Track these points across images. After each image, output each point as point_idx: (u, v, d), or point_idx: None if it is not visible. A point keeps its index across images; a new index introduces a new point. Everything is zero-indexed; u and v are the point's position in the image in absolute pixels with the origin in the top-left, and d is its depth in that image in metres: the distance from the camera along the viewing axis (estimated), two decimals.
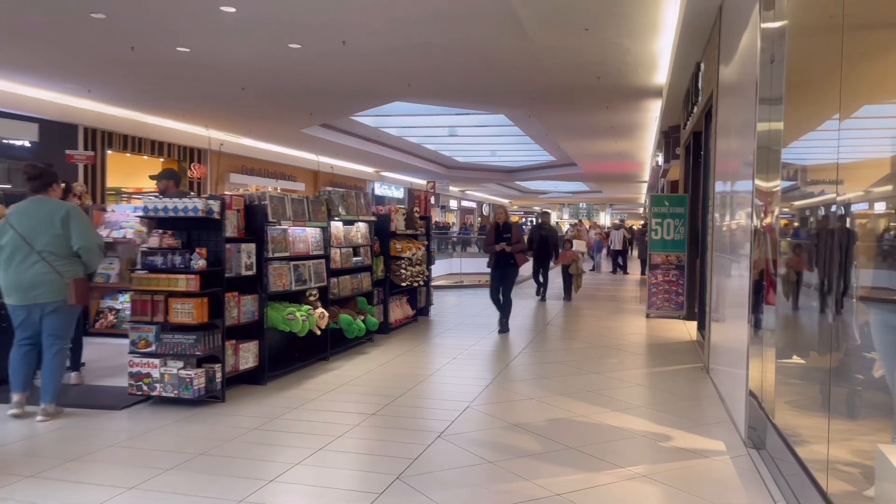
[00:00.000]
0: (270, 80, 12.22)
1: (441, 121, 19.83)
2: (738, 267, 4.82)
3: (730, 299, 5.29)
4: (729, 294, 5.35)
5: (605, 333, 8.93)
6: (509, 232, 8.73)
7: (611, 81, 11.63)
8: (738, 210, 4.97)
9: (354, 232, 7.51)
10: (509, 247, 8.61)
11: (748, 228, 4.42)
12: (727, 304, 5.43)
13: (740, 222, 4.76)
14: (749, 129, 4.54)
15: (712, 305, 6.66)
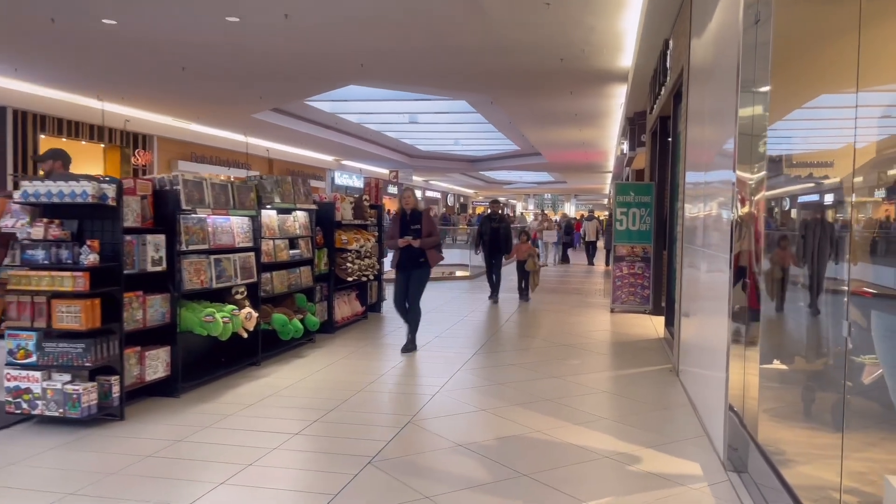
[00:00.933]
0: (211, 59, 11.34)
1: (401, 107, 19.08)
2: (715, 261, 4.23)
3: (704, 295, 4.72)
4: (703, 290, 4.77)
5: (567, 330, 8.34)
6: (418, 222, 6.92)
7: (574, 64, 11.04)
8: (715, 199, 4.38)
9: (292, 221, 6.76)
10: (417, 241, 6.83)
11: (728, 220, 3.82)
12: (701, 300, 4.86)
13: (718, 213, 4.16)
14: (728, 108, 3.94)
15: (682, 300, 6.11)
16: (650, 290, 9.96)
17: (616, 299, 10.12)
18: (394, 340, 7.61)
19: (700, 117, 5.17)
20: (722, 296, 3.93)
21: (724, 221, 3.92)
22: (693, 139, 5.59)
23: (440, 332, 8.00)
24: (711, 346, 4.24)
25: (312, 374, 5.93)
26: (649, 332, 8.36)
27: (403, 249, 6.84)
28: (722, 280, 3.95)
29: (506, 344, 7.56)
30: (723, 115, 4.13)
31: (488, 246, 11.21)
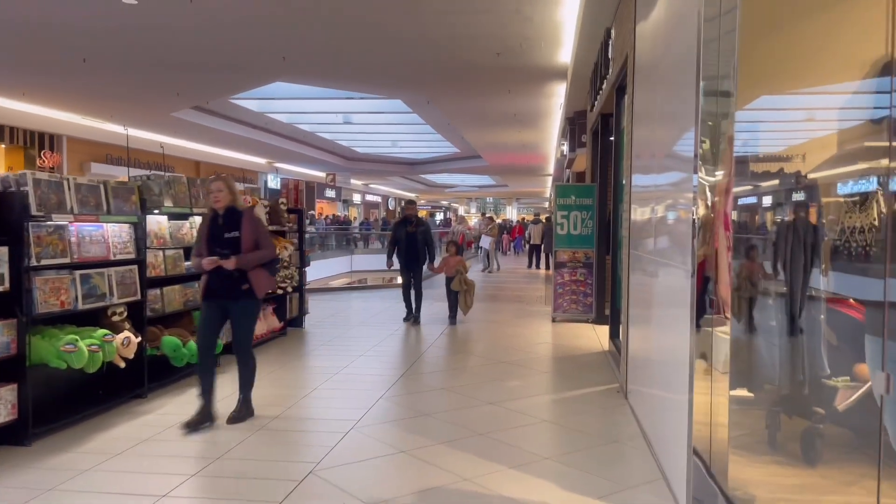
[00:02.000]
0: (112, 50, 10.24)
1: (334, 106, 18.17)
2: (671, 271, 3.59)
3: (658, 305, 4.09)
4: (657, 299, 4.15)
5: (506, 344, 7.67)
6: (236, 228, 4.64)
7: (511, 59, 10.43)
8: (669, 202, 3.75)
9: (188, 229, 5.86)
10: (232, 260, 4.58)
11: (688, 224, 3.18)
12: (653, 309, 4.24)
13: (675, 217, 3.53)
14: (686, 103, 3.31)
15: (629, 311, 5.51)
16: (593, 297, 9.40)
17: (558, 308, 9.53)
18: (312, 361, 6.78)
19: (649, 112, 4.56)
20: (682, 304, 3.31)
21: (683, 226, 3.28)
22: (640, 137, 4.99)
23: (365, 351, 7.21)
24: (669, 363, 3.61)
25: None
26: (593, 344, 7.77)
27: (212, 272, 4.62)
28: (681, 287, 3.31)
29: (438, 362, 6.82)
30: (679, 109, 3.51)
31: (403, 255, 9.26)
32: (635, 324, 5.03)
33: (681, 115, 3.42)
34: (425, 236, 9.24)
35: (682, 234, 3.28)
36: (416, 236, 9.17)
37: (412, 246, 9.15)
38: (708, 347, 3.17)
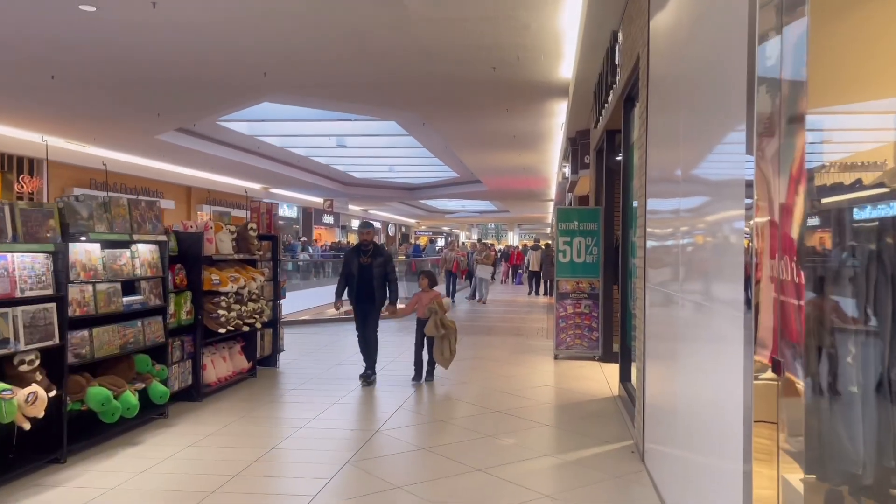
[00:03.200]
0: (79, 65, 9.53)
1: (326, 129, 17.47)
2: (712, 308, 2.73)
3: (689, 350, 3.24)
4: (687, 343, 3.29)
5: (501, 387, 6.79)
6: None
7: (509, 74, 9.69)
8: (706, 225, 2.91)
9: (128, 258, 5.02)
10: None
11: (737, 251, 2.33)
12: (683, 356, 3.38)
13: (717, 241, 2.67)
14: (732, 98, 2.51)
15: (644, 352, 4.64)
16: (599, 332, 8.52)
17: (560, 343, 8.64)
18: (276, 411, 5.90)
19: (670, 124, 3.74)
20: (730, 342, 2.46)
21: (730, 254, 2.43)
22: (658, 153, 4.16)
23: (340, 398, 6.33)
24: (707, 418, 2.75)
25: (141, 472, 4.18)
26: (601, 387, 6.88)
27: None
28: (730, 326, 2.47)
29: (421, 412, 5.93)
30: (719, 116, 2.70)
31: (355, 292, 7.17)
32: (655, 367, 4.17)
33: (723, 122, 2.60)
34: (384, 269, 7.16)
35: (729, 262, 2.43)
36: (371, 269, 7.08)
37: (366, 281, 7.08)
38: (769, 404, 2.31)
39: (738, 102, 2.34)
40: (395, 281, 7.32)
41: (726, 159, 2.56)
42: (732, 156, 2.42)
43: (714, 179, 2.77)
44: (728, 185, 2.50)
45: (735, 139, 2.39)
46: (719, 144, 2.67)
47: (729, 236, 2.46)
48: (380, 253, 7.27)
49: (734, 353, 2.33)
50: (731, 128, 2.44)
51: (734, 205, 2.37)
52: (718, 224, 2.62)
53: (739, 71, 2.31)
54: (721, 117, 2.59)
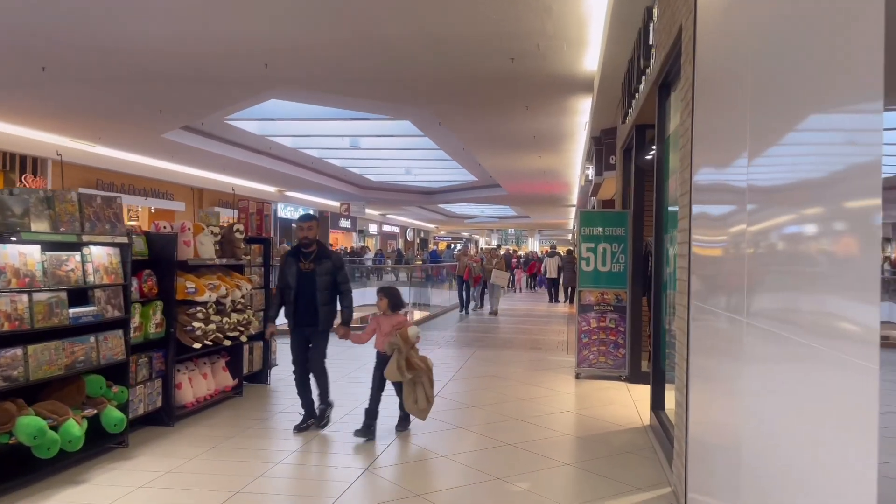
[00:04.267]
0: (69, 55, 8.93)
1: (339, 129, 16.80)
2: (808, 354, 1.91)
3: (761, 401, 2.43)
4: (756, 389, 2.48)
5: (515, 413, 5.98)
6: None
7: (528, 66, 8.92)
8: (802, 233, 2.08)
9: (76, 263, 4.31)
10: None
11: (871, 254, 1.52)
12: (751, 408, 2.57)
13: (827, 256, 1.85)
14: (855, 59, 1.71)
15: (688, 380, 3.83)
16: (626, 350, 7.68)
17: (583, 360, 7.81)
18: (252, 441, 5.15)
19: (734, 102, 2.93)
20: (847, 393, 1.66)
21: (852, 272, 1.62)
22: (710, 148, 3.35)
23: (334, 421, 5.57)
24: (810, 476, 1.94)
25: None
26: (629, 413, 6.04)
27: None
28: (842, 374, 1.66)
29: (420, 443, 5.15)
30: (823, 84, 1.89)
31: (293, 311, 5.36)
32: (703, 401, 3.35)
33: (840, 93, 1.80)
34: (333, 277, 5.33)
35: (852, 283, 1.61)
36: (313, 279, 5.27)
37: (307, 295, 5.28)
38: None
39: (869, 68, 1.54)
40: (348, 293, 5.48)
41: (841, 142, 1.75)
42: (858, 131, 1.61)
43: (816, 178, 1.96)
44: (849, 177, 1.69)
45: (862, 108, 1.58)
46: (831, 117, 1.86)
47: (850, 247, 1.64)
48: (326, 255, 5.42)
49: (859, 412, 1.52)
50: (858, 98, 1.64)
51: (860, 209, 1.56)
52: (827, 230, 1.81)
53: (873, 23, 1.50)
54: (836, 87, 1.79)
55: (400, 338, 5.03)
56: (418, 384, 5.12)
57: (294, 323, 5.39)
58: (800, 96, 1.99)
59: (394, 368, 5.03)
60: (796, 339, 1.92)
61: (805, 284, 1.90)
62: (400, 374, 5.02)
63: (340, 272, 5.43)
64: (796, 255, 2.01)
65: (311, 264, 5.33)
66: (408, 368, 5.02)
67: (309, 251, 5.41)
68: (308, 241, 5.41)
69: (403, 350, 5.02)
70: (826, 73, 1.78)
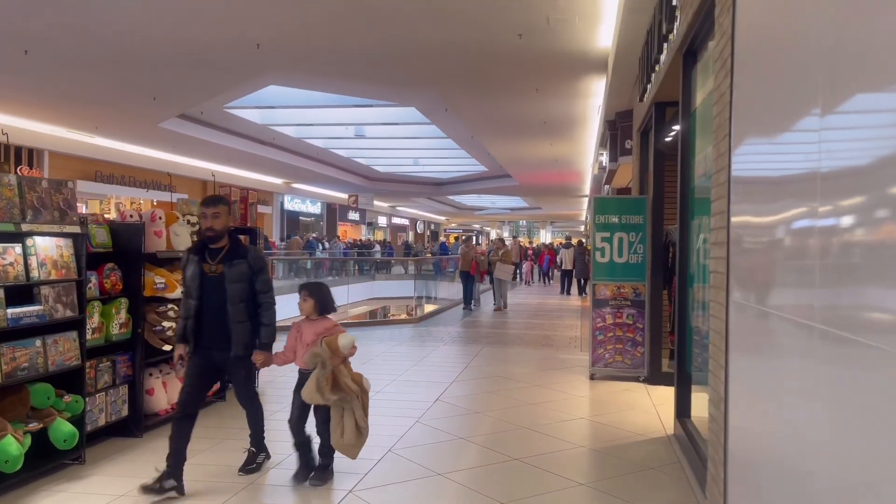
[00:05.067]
0: (50, 35, 8.41)
1: (342, 116, 16.23)
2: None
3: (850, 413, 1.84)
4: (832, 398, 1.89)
5: (524, 421, 5.40)
6: None
7: (538, 42, 8.31)
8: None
9: (15, 256, 3.77)
10: None
11: None
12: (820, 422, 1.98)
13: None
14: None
15: (727, 388, 3.24)
16: (645, 348, 7.08)
17: (598, 360, 7.22)
18: (232, 452, 4.60)
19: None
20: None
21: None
22: (764, 111, 2.74)
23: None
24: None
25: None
26: (650, 421, 5.44)
27: None
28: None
29: (415, 457, 4.58)
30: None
31: (194, 326, 3.99)
32: (751, 415, 2.77)
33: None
34: (250, 283, 4.00)
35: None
36: (222, 285, 3.93)
37: (214, 307, 3.95)
38: None
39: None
40: (269, 306, 4.06)
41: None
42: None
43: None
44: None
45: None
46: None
47: None
48: (240, 254, 3.98)
49: None
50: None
51: None
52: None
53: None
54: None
55: (326, 347, 3.77)
56: (346, 411, 3.85)
57: (196, 344, 3.96)
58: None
59: (312, 388, 3.71)
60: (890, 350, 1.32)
61: None
62: (320, 395, 3.73)
63: (260, 277, 4.02)
64: None
65: (220, 266, 3.93)
66: (333, 389, 3.75)
67: (217, 248, 3.97)
68: (215, 234, 3.90)
69: (329, 364, 3.75)
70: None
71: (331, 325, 4.05)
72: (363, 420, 3.93)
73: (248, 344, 3.98)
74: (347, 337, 3.88)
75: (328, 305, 4.13)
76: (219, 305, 3.92)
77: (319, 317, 4.07)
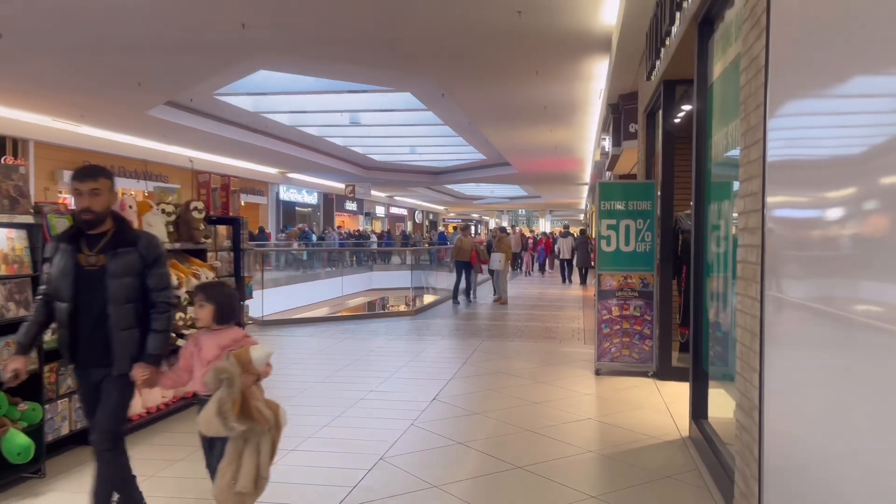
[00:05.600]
0: (25, 18, 7.98)
1: (336, 102, 15.76)
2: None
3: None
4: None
5: (526, 422, 5.02)
6: None
7: (538, 21, 7.89)
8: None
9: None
10: None
11: None
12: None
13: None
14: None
15: (762, 394, 2.87)
16: (654, 341, 6.70)
17: (603, 354, 6.84)
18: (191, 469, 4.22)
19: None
20: None
21: None
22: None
23: (314, 433, 4.65)
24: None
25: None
26: (662, 420, 5.07)
27: None
28: None
29: (407, 466, 4.20)
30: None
31: (68, 336, 3.10)
32: (796, 427, 2.39)
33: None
34: (138, 279, 3.11)
35: None
36: (102, 281, 3.04)
37: (93, 311, 3.06)
38: None
39: None
40: (166, 307, 3.16)
41: None
42: None
43: None
44: None
45: None
46: None
47: None
48: (128, 241, 3.12)
49: None
50: None
51: None
52: None
53: None
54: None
55: (235, 361, 2.87)
56: (249, 448, 2.88)
57: (72, 360, 3.12)
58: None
59: (212, 413, 2.79)
60: None
61: None
62: (222, 422, 2.78)
63: (154, 270, 3.12)
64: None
65: (101, 257, 3.04)
66: (241, 415, 2.82)
67: (97, 234, 3.07)
68: (93, 216, 3.02)
69: (237, 383, 2.82)
70: None
71: (239, 335, 3.07)
72: (267, 462, 2.92)
73: (136, 357, 3.03)
74: (262, 349, 2.95)
75: (231, 311, 3.12)
76: (99, 308, 3.01)
77: (222, 326, 3.05)
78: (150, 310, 3.10)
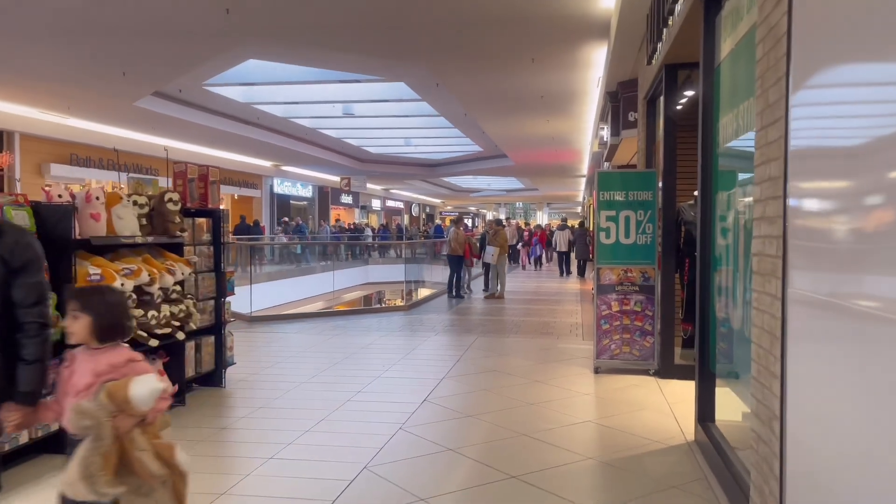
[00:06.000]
0: (3, 2, 7.64)
1: (329, 93, 15.43)
2: None
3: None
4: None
5: (522, 426, 4.74)
6: None
7: (534, 5, 7.57)
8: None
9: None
10: None
11: None
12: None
13: None
14: None
15: (784, 401, 2.58)
16: (655, 338, 6.42)
17: (603, 351, 6.56)
18: (203, 462, 3.93)
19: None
20: None
21: None
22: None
23: (298, 436, 4.36)
24: None
25: None
26: (666, 423, 4.79)
27: None
28: None
29: (399, 477, 3.91)
30: None
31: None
32: (828, 444, 2.10)
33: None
34: (10, 281, 2.38)
35: None
36: None
37: None
38: None
39: None
40: (37, 329, 2.40)
41: None
42: None
43: None
44: None
45: None
46: None
47: None
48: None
49: None
50: None
51: None
52: None
53: None
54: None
55: (106, 399, 2.16)
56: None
57: None
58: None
59: (75, 475, 2.10)
60: None
61: None
62: (88, 486, 2.10)
63: (22, 279, 2.40)
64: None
65: None
66: (119, 475, 2.14)
67: None
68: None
69: (105, 433, 2.13)
70: None
71: (121, 359, 2.29)
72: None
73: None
74: (148, 383, 2.20)
75: (116, 326, 2.35)
76: None
77: (105, 344, 2.31)
78: (15, 332, 2.35)
